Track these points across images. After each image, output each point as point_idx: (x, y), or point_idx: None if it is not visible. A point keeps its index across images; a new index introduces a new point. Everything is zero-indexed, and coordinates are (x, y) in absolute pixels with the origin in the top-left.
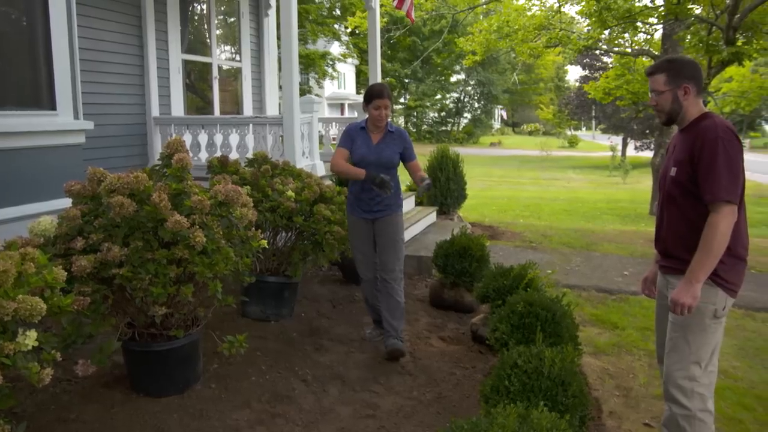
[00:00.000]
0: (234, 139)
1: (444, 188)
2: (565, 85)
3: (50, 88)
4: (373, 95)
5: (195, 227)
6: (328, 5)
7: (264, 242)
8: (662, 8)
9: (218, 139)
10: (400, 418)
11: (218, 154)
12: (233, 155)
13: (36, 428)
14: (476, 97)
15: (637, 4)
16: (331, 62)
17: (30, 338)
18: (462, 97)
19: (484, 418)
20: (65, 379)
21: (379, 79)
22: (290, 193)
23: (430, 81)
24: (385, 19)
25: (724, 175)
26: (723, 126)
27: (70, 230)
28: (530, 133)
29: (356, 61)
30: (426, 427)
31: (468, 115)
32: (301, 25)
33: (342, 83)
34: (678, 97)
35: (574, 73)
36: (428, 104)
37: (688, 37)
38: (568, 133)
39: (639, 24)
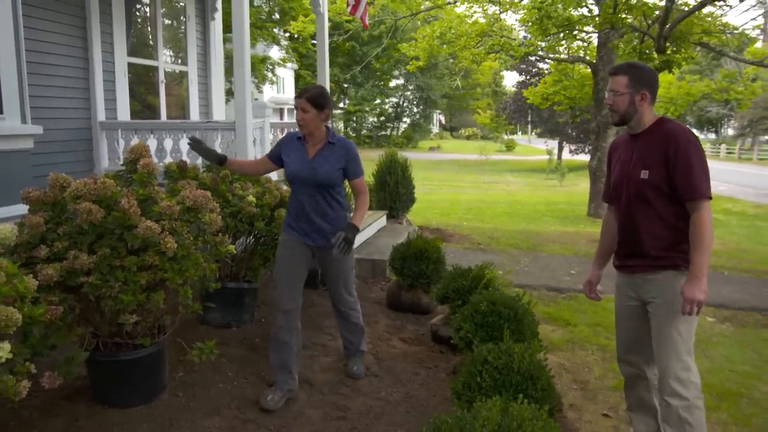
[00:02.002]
0: (184, 144)
1: (393, 192)
2: (502, 91)
3: None
4: (294, 97)
5: (165, 233)
6: (267, 9)
7: (232, 248)
8: (599, 17)
9: (168, 144)
10: (371, 418)
11: (168, 159)
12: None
13: None
14: (415, 102)
15: (575, 14)
16: (270, 66)
17: (4, 350)
18: (401, 102)
19: (467, 413)
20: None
21: (327, 83)
22: (251, 198)
23: (369, 86)
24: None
25: (702, 174)
26: (687, 129)
27: (31, 238)
28: (468, 138)
29: (295, 66)
30: (397, 426)
31: (407, 120)
32: None
33: (281, 88)
34: (635, 101)
35: (510, 79)
36: (368, 109)
37: (622, 45)
38: (505, 137)
39: (576, 32)
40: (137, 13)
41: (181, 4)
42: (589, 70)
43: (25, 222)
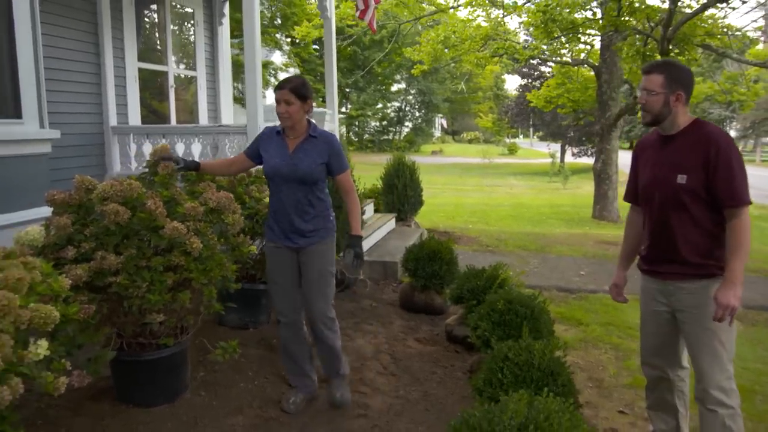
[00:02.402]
0: (196, 148)
1: (401, 195)
2: (504, 94)
3: (16, 95)
4: (274, 89)
5: (190, 234)
6: (269, 15)
7: (254, 248)
8: (602, 20)
9: (180, 147)
10: (391, 416)
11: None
12: None
13: None
14: (417, 106)
15: (579, 17)
16: (273, 71)
17: (42, 347)
18: (403, 106)
19: (494, 406)
20: (48, 393)
21: (335, 87)
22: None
23: (371, 90)
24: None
25: (742, 179)
26: (726, 133)
27: (58, 239)
28: (470, 142)
29: (297, 71)
30: (418, 423)
31: (409, 124)
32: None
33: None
34: (669, 101)
35: (512, 82)
36: (370, 113)
37: (625, 48)
38: (507, 141)
39: (580, 35)
40: (147, 19)
41: (189, 10)
42: (593, 72)
43: (53, 223)
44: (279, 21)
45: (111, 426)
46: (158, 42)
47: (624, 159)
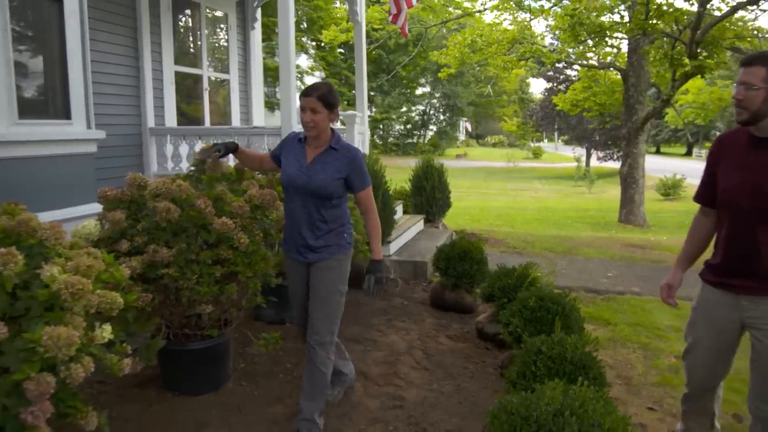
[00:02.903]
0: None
1: (429, 197)
2: (529, 98)
3: (65, 98)
4: (300, 95)
5: (237, 229)
6: (295, 19)
7: None
8: (630, 23)
9: None
10: (426, 408)
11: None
12: (231, 164)
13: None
14: (441, 110)
15: (606, 20)
16: (299, 75)
17: (106, 331)
18: (428, 110)
19: (531, 394)
20: (97, 380)
21: (365, 91)
22: None
23: (395, 94)
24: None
25: None
26: None
27: (113, 233)
28: (494, 145)
29: (323, 74)
30: (452, 415)
31: (433, 128)
32: (268, 38)
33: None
34: None
35: (536, 86)
36: (394, 117)
37: (653, 51)
38: (532, 144)
39: (607, 38)
40: (182, 24)
41: (222, 14)
42: (619, 76)
43: (107, 218)
44: (305, 25)
45: (158, 412)
46: (193, 46)
47: (650, 163)
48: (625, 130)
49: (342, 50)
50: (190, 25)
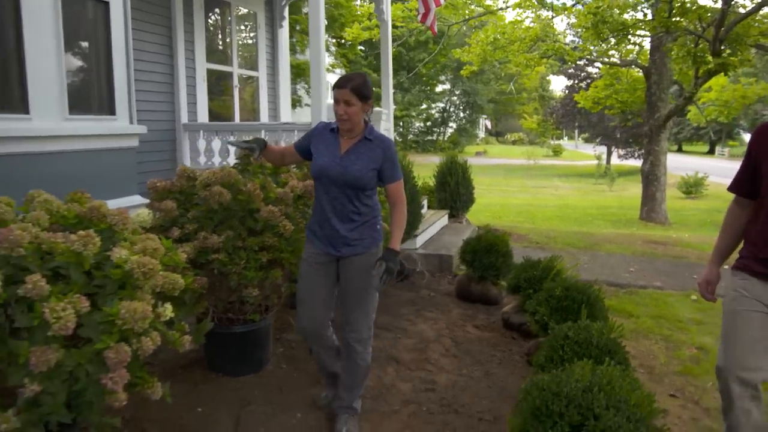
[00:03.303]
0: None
1: (453, 192)
2: (549, 95)
3: (110, 94)
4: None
5: (282, 217)
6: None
7: None
8: (654, 21)
9: None
10: (457, 391)
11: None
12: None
13: (133, 402)
14: (461, 107)
15: (628, 18)
16: None
17: (168, 310)
18: (447, 107)
19: (561, 372)
20: (145, 362)
21: (390, 87)
22: None
23: (415, 91)
24: (376, 31)
25: None
26: None
27: (164, 221)
28: (514, 143)
29: (343, 71)
30: (481, 398)
31: (453, 125)
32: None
33: (328, 93)
34: None
35: (557, 83)
36: (414, 114)
37: (675, 48)
38: (552, 142)
39: (631, 37)
40: (213, 22)
41: (252, 12)
42: (641, 73)
43: (159, 207)
44: (326, 22)
45: (204, 391)
46: (223, 44)
47: (672, 161)
48: (647, 127)
49: (362, 47)
50: (221, 23)
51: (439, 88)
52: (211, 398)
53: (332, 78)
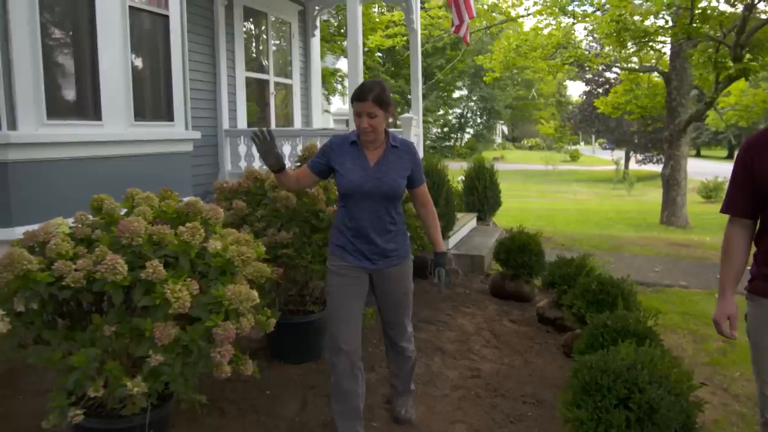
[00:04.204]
0: (299, 149)
1: (481, 196)
2: (567, 100)
3: (168, 102)
4: (352, 98)
5: None
6: (336, 24)
7: None
8: (675, 28)
9: (286, 149)
10: (500, 378)
11: (287, 162)
12: None
13: (205, 385)
14: (479, 113)
15: (650, 24)
16: (339, 78)
17: (255, 295)
18: (465, 113)
19: (606, 353)
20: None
21: (420, 94)
22: None
23: (433, 97)
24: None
25: None
26: None
27: (234, 218)
28: (530, 148)
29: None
30: (523, 384)
31: (470, 131)
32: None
33: (346, 100)
34: None
35: (573, 89)
36: (431, 120)
37: (696, 54)
38: (569, 147)
39: (652, 43)
40: (249, 32)
41: (286, 22)
42: (661, 79)
43: (233, 206)
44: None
45: (271, 376)
46: (259, 53)
47: (691, 166)
48: (668, 132)
49: (380, 54)
50: (257, 33)
51: (456, 94)
52: (277, 383)
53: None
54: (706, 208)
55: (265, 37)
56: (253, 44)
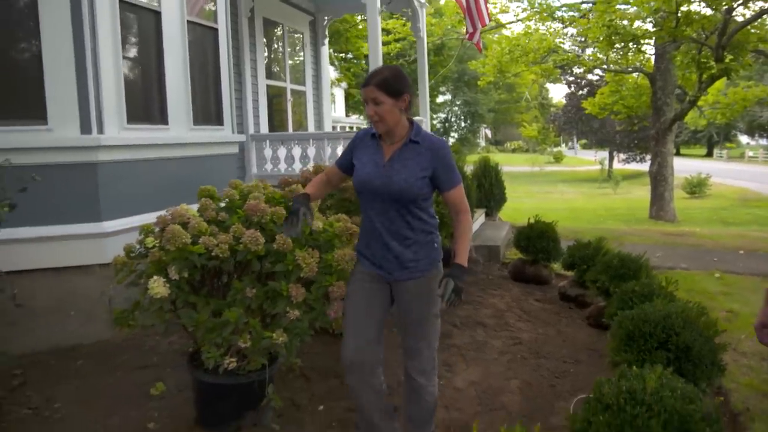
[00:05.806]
0: (327, 151)
1: (488, 193)
2: (549, 103)
3: (218, 107)
4: (361, 85)
5: None
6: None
7: None
8: (662, 31)
9: (311, 152)
10: (539, 344)
11: (311, 164)
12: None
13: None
14: (462, 117)
15: (638, 26)
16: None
17: (355, 255)
18: (449, 117)
19: (644, 306)
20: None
21: (427, 97)
22: None
23: (417, 103)
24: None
25: None
26: None
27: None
28: (513, 151)
29: (345, 85)
30: (560, 348)
31: (455, 135)
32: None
33: (335, 107)
34: None
35: (554, 92)
36: None
37: (680, 56)
38: (552, 149)
39: (638, 46)
40: (268, 42)
41: (300, 32)
42: (646, 79)
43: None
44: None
45: (335, 349)
46: (277, 61)
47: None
48: (654, 130)
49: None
50: (274, 43)
51: (440, 99)
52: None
53: (339, 92)
54: (691, 203)
55: (281, 46)
56: (272, 54)
